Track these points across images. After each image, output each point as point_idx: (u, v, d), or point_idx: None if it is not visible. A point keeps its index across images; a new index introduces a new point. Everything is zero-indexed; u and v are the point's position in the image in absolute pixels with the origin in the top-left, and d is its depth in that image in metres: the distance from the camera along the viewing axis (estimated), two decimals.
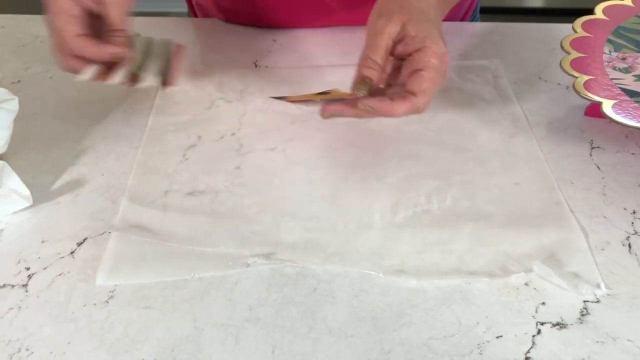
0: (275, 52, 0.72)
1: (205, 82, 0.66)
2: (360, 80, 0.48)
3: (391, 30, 0.48)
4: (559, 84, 0.65)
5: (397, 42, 0.49)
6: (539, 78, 0.67)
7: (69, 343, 0.40)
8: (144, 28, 0.77)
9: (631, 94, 0.53)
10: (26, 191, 0.50)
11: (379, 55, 0.48)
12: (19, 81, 0.68)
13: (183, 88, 0.65)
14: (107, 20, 0.55)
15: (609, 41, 0.60)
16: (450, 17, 0.81)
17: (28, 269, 0.46)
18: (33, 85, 0.67)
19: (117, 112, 0.62)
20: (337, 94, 0.52)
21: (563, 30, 0.75)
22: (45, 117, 0.62)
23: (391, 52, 0.49)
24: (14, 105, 0.53)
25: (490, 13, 3.03)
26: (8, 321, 0.42)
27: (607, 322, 0.41)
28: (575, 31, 0.61)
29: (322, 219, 0.49)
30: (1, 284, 0.45)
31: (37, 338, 0.41)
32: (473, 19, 0.88)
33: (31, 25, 0.79)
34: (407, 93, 0.47)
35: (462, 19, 0.85)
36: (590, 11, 0.65)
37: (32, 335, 0.41)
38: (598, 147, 0.57)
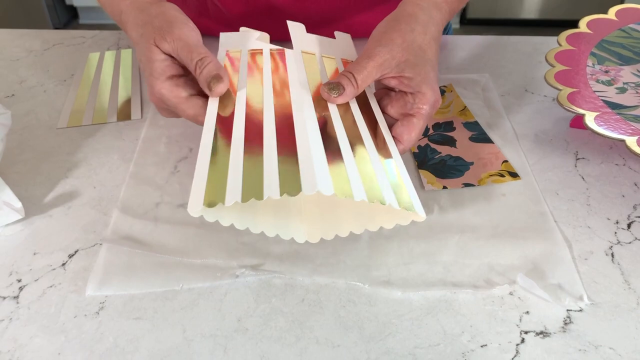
0: None
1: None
2: (335, 85, 0.48)
3: (385, 63, 0.48)
4: (545, 96, 0.67)
5: (392, 77, 0.49)
6: (526, 90, 0.68)
7: (59, 354, 0.41)
8: None
9: (613, 106, 0.54)
10: (19, 204, 0.51)
11: (361, 78, 0.48)
12: (13, 95, 0.68)
13: None
14: (186, 64, 0.49)
15: (593, 54, 0.61)
16: None
17: (19, 280, 0.46)
18: (27, 99, 0.68)
19: (109, 125, 0.63)
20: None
21: (549, 43, 0.77)
22: (38, 131, 0.63)
23: (383, 81, 0.49)
24: (6, 119, 0.54)
25: (482, 25, 3.06)
26: None
27: (589, 330, 0.42)
28: (560, 44, 0.62)
29: None
30: None
31: (28, 349, 0.41)
32: (446, 28, 0.89)
33: (25, 39, 0.80)
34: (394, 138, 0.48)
35: None
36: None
37: (23, 346, 0.41)
38: (583, 158, 0.58)
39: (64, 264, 0.48)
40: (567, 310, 0.43)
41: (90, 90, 0.69)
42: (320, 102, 0.48)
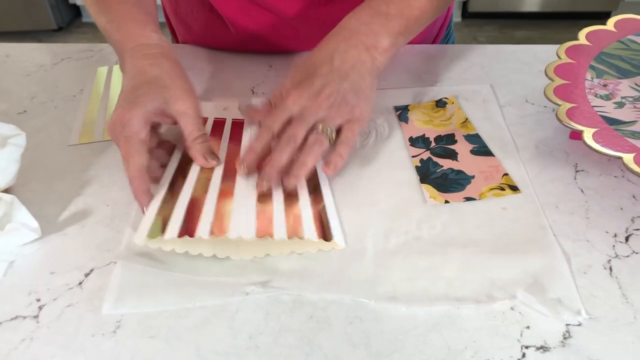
0: (271, 78, 0.75)
1: (206, 109, 0.68)
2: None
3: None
4: (545, 106, 0.68)
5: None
6: (526, 101, 0.69)
7: None
8: None
9: (611, 121, 0.55)
10: (35, 224, 0.53)
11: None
12: (24, 111, 0.70)
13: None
14: (185, 131, 0.56)
15: (592, 67, 0.62)
16: (425, 33, 0.84)
17: (38, 300, 0.48)
18: (38, 115, 0.69)
19: None
20: None
21: (549, 51, 0.77)
22: (50, 148, 0.64)
23: None
24: (22, 140, 0.56)
25: (483, 18, 3.06)
26: (22, 352, 0.44)
27: (588, 344, 0.43)
28: (559, 57, 0.64)
29: None
30: (14, 316, 0.47)
31: None
32: (447, 34, 0.90)
33: (35, 54, 0.81)
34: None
35: (437, 36, 0.88)
36: (584, 15, 0.67)
37: None
38: (582, 170, 0.59)
39: (80, 283, 0.49)
40: (567, 324, 0.45)
41: (100, 105, 0.70)
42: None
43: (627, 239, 0.52)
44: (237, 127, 0.64)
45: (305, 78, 0.56)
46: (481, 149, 0.61)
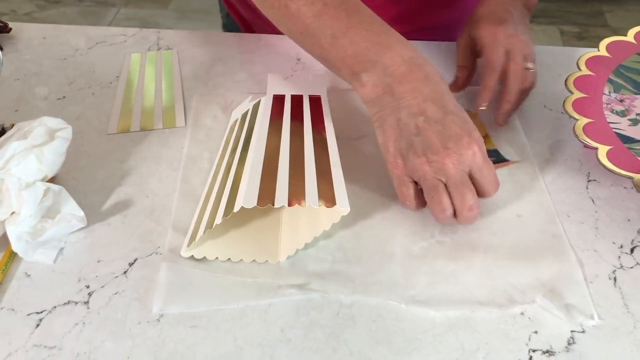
0: (299, 72, 0.77)
1: (234, 105, 0.71)
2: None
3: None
4: (562, 112, 0.70)
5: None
6: (544, 106, 0.72)
7: (128, 357, 0.47)
8: (183, 42, 0.82)
9: (625, 139, 0.58)
10: (81, 213, 0.57)
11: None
12: (64, 97, 0.73)
13: (212, 113, 0.70)
14: None
15: (610, 81, 0.65)
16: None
17: (88, 287, 0.52)
18: (77, 101, 0.72)
19: (156, 132, 0.68)
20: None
21: (569, 54, 0.80)
22: (90, 135, 0.68)
23: None
24: (68, 133, 0.59)
25: None
26: (75, 335, 0.49)
27: (590, 351, 0.48)
28: (579, 69, 0.66)
29: (347, 249, 0.55)
30: (66, 300, 0.51)
31: (101, 352, 0.48)
32: None
33: (70, 36, 0.84)
34: None
35: None
36: None
37: (97, 349, 0.48)
38: (594, 180, 0.62)
39: (125, 272, 0.53)
40: (571, 331, 0.49)
41: (135, 94, 0.73)
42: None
43: (632, 250, 0.55)
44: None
45: (498, 24, 0.69)
46: (496, 162, 0.64)
